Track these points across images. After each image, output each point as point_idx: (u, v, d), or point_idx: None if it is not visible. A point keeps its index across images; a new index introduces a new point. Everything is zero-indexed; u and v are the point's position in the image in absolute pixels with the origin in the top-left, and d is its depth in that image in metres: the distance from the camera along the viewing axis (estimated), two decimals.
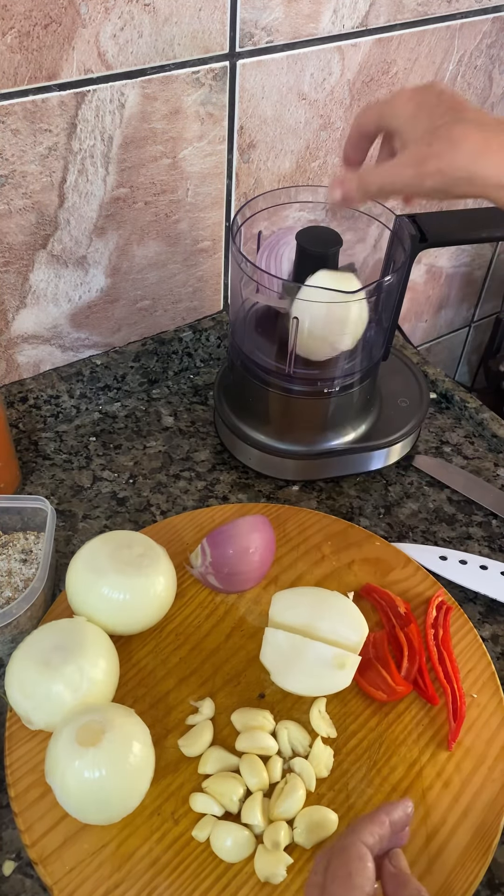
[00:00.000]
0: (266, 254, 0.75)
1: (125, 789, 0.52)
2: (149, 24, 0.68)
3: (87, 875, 0.52)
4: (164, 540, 0.71)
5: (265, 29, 0.75)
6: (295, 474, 0.81)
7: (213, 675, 0.63)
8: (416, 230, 0.71)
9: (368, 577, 0.70)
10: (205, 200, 0.84)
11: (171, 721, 0.60)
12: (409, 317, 1.23)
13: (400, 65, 0.88)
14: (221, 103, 0.78)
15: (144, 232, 0.81)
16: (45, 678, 0.55)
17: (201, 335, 0.92)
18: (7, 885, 0.54)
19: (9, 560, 0.69)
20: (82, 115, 0.70)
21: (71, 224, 0.76)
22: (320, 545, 0.73)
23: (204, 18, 0.71)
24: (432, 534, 0.78)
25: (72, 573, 0.63)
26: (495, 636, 0.70)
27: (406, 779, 0.58)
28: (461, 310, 1.32)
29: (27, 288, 0.78)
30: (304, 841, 0.54)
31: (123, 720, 0.54)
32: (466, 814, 0.56)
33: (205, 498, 0.80)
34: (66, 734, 0.52)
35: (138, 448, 0.84)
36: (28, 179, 0.71)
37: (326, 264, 0.70)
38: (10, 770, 0.57)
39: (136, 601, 0.61)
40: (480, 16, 0.91)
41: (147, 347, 0.89)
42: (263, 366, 0.76)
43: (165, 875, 0.53)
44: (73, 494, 0.79)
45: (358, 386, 0.76)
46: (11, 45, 0.63)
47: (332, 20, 0.79)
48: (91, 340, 0.86)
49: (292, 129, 0.85)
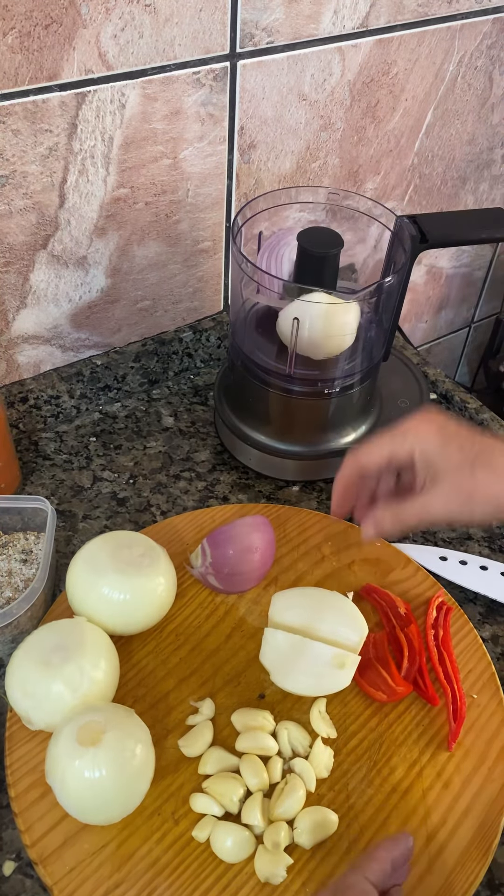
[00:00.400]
0: (266, 254, 0.75)
1: (125, 789, 0.52)
2: (149, 24, 0.68)
3: (87, 875, 0.52)
4: (165, 540, 0.71)
5: (266, 29, 0.75)
6: (295, 475, 0.81)
7: (213, 675, 0.63)
8: (417, 231, 0.71)
9: (368, 577, 0.70)
10: (205, 201, 0.84)
11: (171, 721, 0.60)
12: (410, 317, 1.24)
13: (400, 65, 0.88)
14: (222, 104, 0.78)
15: (145, 232, 0.81)
16: (45, 678, 0.55)
17: (202, 335, 0.92)
18: (7, 885, 0.54)
19: (9, 560, 0.69)
20: (83, 116, 0.70)
21: (71, 224, 0.76)
22: (320, 545, 0.73)
23: (204, 19, 0.71)
24: (432, 534, 0.78)
25: (72, 573, 0.63)
26: (495, 636, 0.70)
27: (406, 779, 0.58)
28: (461, 310, 1.32)
29: (27, 288, 0.78)
30: (305, 841, 0.54)
31: (124, 720, 0.54)
32: (466, 814, 0.56)
33: (205, 498, 0.80)
34: (66, 734, 0.52)
35: (138, 448, 0.84)
36: (28, 180, 0.71)
37: (327, 265, 0.71)
38: (11, 770, 0.57)
39: (137, 601, 0.61)
40: (481, 16, 0.91)
41: (147, 348, 0.89)
42: (264, 366, 0.76)
43: (165, 875, 0.53)
44: (74, 494, 0.79)
45: (358, 386, 0.76)
46: (12, 45, 0.63)
47: (333, 21, 0.79)
48: (91, 341, 0.86)
49: (293, 130, 0.85)
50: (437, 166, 1.03)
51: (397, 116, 0.93)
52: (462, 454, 0.53)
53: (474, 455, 0.53)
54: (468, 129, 1.02)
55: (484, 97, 1.00)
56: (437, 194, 1.07)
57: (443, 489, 0.54)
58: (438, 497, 0.54)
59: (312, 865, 0.54)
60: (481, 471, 0.52)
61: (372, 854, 0.47)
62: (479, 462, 0.53)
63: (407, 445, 0.56)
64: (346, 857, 0.54)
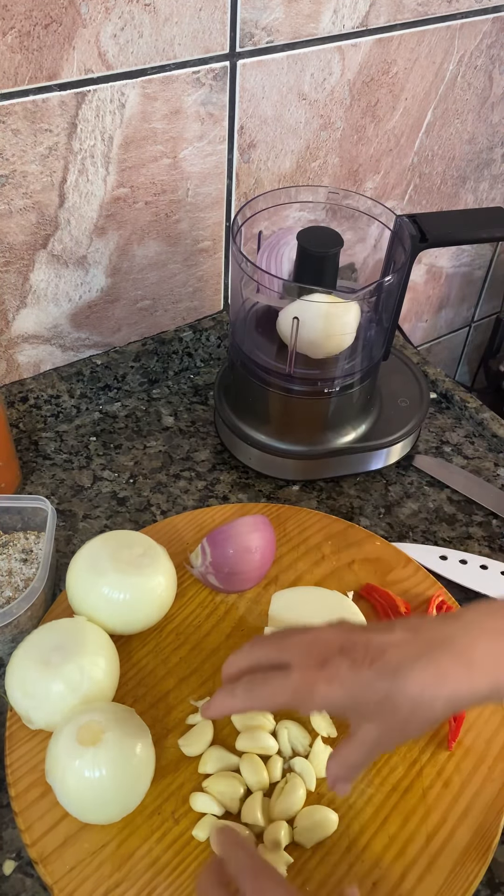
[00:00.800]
0: (266, 254, 0.75)
1: (126, 788, 0.52)
2: (149, 24, 0.68)
3: (88, 874, 0.52)
4: (165, 540, 0.71)
5: (265, 29, 0.75)
6: (295, 474, 0.81)
7: (213, 674, 0.63)
8: (417, 230, 0.71)
9: (369, 576, 0.70)
10: (205, 200, 0.84)
11: (171, 721, 0.60)
12: (410, 317, 1.24)
13: (400, 65, 0.88)
14: (222, 103, 0.78)
15: (145, 232, 0.81)
16: (45, 677, 0.55)
17: (201, 335, 0.92)
18: (7, 885, 0.54)
19: (9, 560, 0.69)
20: (83, 115, 0.70)
21: (71, 224, 0.76)
22: (320, 545, 0.73)
23: (204, 18, 0.71)
24: (432, 534, 0.78)
25: (72, 573, 0.63)
26: None
27: (406, 778, 0.58)
28: (461, 310, 1.32)
29: (27, 288, 0.78)
30: (305, 840, 0.54)
31: (124, 720, 0.54)
32: (466, 814, 0.56)
33: (205, 498, 0.80)
34: (66, 734, 0.52)
35: (138, 448, 0.84)
36: (28, 179, 0.71)
37: (327, 265, 0.70)
38: (11, 770, 0.57)
39: (137, 601, 0.61)
40: (480, 16, 0.91)
41: (147, 347, 0.89)
42: (264, 366, 0.76)
43: (165, 875, 0.53)
44: (74, 494, 0.79)
45: (358, 386, 0.76)
46: (12, 44, 0.63)
47: (333, 20, 0.79)
48: (91, 340, 0.86)
49: (292, 129, 0.85)
50: (437, 165, 1.03)
51: (397, 116, 0.93)
52: (377, 695, 0.45)
53: (385, 692, 0.45)
54: (468, 129, 1.02)
55: (484, 96, 1.00)
56: (436, 193, 1.07)
57: (375, 725, 0.47)
58: (371, 731, 0.47)
59: (312, 864, 0.54)
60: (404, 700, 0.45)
61: None
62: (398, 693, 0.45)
63: (314, 706, 0.50)
64: (346, 857, 0.54)
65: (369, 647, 0.46)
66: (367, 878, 0.53)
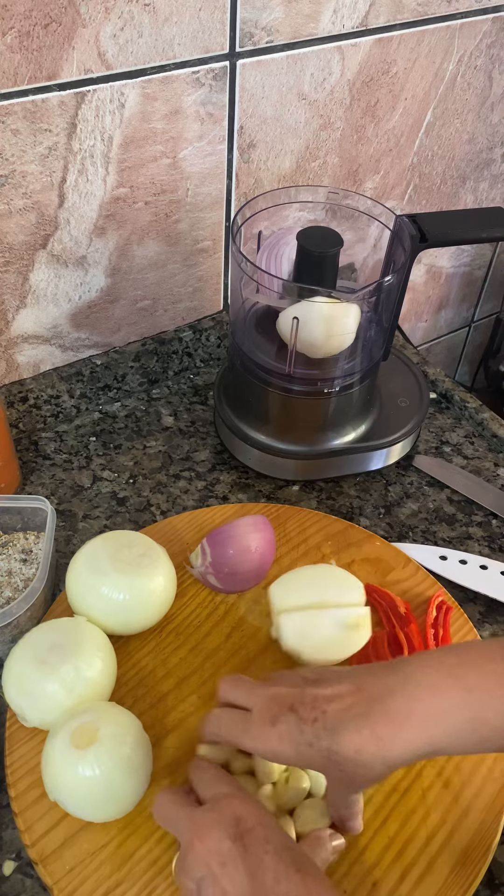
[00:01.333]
0: (266, 254, 0.75)
1: (122, 785, 0.52)
2: (149, 23, 0.68)
3: (87, 875, 0.52)
4: (164, 540, 0.71)
5: (265, 29, 0.75)
6: (295, 474, 0.81)
7: (213, 675, 0.63)
8: (417, 230, 0.71)
9: (368, 577, 0.70)
10: (205, 200, 0.84)
11: (170, 721, 0.60)
12: (409, 317, 1.24)
13: (400, 65, 0.88)
14: (221, 103, 0.78)
15: (144, 232, 0.81)
16: (40, 676, 0.55)
17: (201, 335, 0.92)
18: (7, 885, 0.54)
19: (9, 560, 0.69)
20: (82, 115, 0.70)
21: (71, 224, 0.76)
22: (320, 545, 0.73)
23: (204, 18, 0.71)
24: (432, 534, 0.78)
25: (72, 573, 0.63)
26: (495, 636, 0.70)
27: (406, 779, 0.58)
28: (461, 310, 1.32)
29: (27, 288, 0.78)
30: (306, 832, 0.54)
31: (115, 717, 0.54)
32: (466, 814, 0.56)
33: (205, 498, 0.80)
34: (60, 741, 0.52)
35: (138, 448, 0.84)
36: (28, 179, 0.71)
37: (326, 265, 0.70)
38: (10, 770, 0.57)
39: (136, 601, 0.61)
40: (480, 16, 0.91)
41: (147, 347, 0.89)
42: (263, 366, 0.76)
43: (165, 875, 0.53)
44: (73, 494, 0.79)
45: (358, 386, 0.76)
46: (11, 44, 0.63)
47: (332, 20, 0.79)
48: (91, 340, 0.86)
49: (292, 129, 0.85)
50: (437, 165, 1.03)
51: (397, 116, 0.93)
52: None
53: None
54: (468, 129, 1.02)
55: (484, 96, 1.00)
56: (436, 193, 1.07)
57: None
58: (328, 783, 0.51)
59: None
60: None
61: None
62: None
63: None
64: (346, 856, 0.54)
65: (315, 704, 0.47)
66: (366, 879, 0.53)
